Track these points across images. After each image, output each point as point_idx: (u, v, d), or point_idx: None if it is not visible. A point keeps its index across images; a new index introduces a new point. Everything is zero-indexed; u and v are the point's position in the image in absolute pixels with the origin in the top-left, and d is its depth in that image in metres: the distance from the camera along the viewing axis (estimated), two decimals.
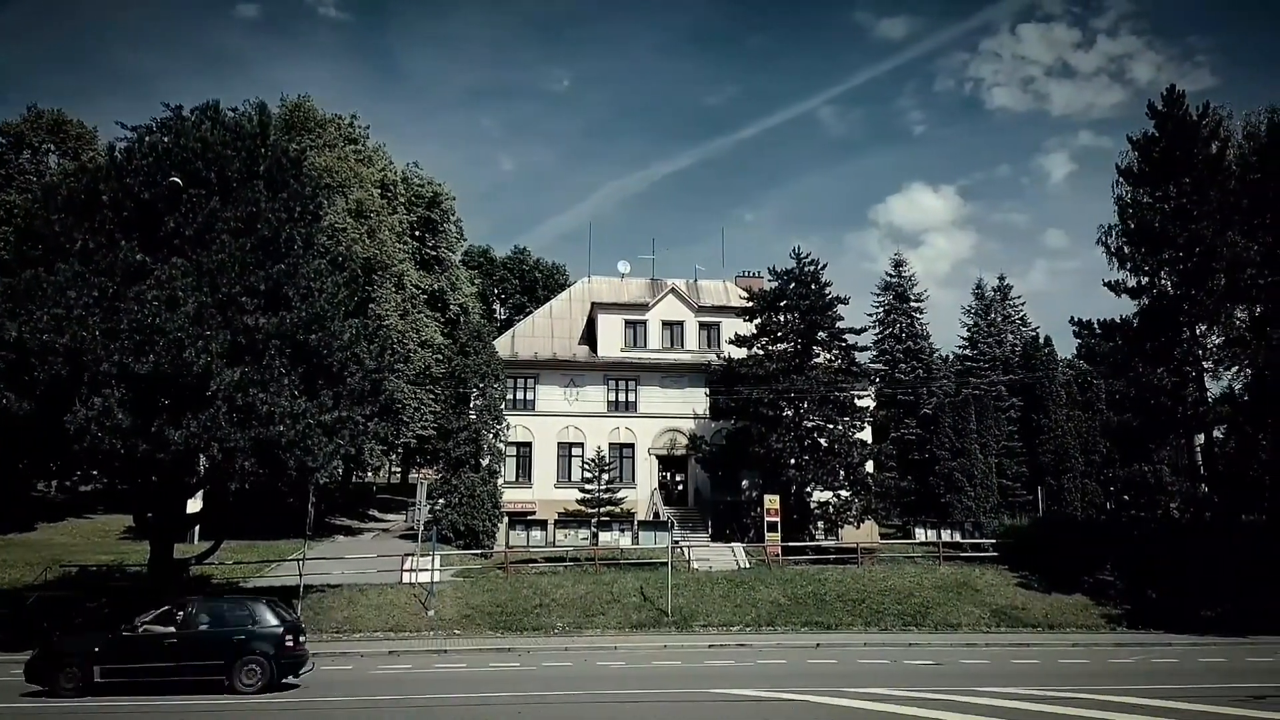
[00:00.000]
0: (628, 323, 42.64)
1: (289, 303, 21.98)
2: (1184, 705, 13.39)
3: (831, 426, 35.58)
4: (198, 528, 32.15)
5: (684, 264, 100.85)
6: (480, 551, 33.55)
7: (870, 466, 37.73)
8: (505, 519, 35.47)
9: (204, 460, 22.52)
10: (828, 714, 13.45)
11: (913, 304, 57.12)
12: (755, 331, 37.43)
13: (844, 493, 35.10)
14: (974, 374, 54.73)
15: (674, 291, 43.56)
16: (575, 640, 23.99)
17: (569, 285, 53.90)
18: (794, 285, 36.95)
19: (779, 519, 33.18)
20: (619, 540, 32.28)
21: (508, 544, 32.62)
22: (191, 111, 23.94)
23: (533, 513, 36.48)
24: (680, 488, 41.40)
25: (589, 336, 43.06)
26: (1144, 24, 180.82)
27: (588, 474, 35.72)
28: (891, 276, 57.92)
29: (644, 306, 43.05)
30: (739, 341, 37.57)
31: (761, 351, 36.99)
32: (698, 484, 40.87)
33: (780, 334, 37.05)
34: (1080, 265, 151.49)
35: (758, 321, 37.57)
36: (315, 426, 20.84)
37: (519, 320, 51.02)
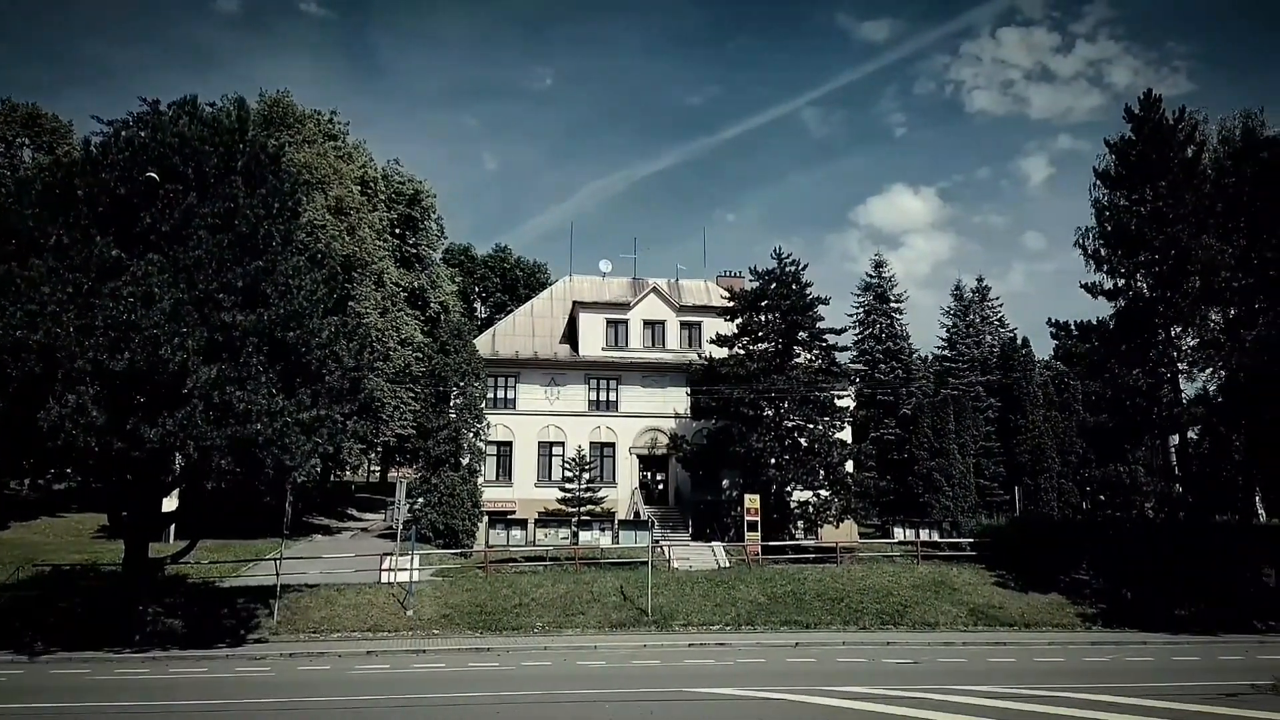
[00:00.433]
0: (609, 322, 42.62)
1: (267, 300, 21.75)
2: (1158, 703, 13.56)
3: (812, 426, 35.74)
4: (173, 527, 31.85)
5: (666, 264, 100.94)
6: (460, 551, 33.44)
7: (850, 466, 37.92)
8: (485, 518, 35.37)
9: (180, 458, 22.23)
10: (806, 712, 13.52)
11: (893, 305, 57.42)
12: (736, 331, 37.53)
13: (824, 492, 35.27)
14: (953, 374, 55.10)
15: (655, 291, 43.57)
16: (555, 640, 23.94)
17: (550, 284, 53.80)
18: (775, 285, 37.07)
19: (759, 518, 33.26)
20: (599, 539, 32.22)
21: (487, 543, 32.55)
22: (169, 106, 23.61)
23: (513, 512, 36.36)
24: (661, 487, 41.44)
25: (570, 335, 43.00)
26: (1122, 29, 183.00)
27: (568, 473, 35.64)
28: (872, 277, 58.23)
29: (625, 306, 43.03)
30: (720, 341, 37.65)
31: (742, 351, 37.08)
32: (678, 483, 40.92)
33: (761, 334, 37.15)
34: (1058, 267, 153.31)
35: (739, 321, 37.67)
36: (293, 425, 20.62)
37: (500, 319, 50.86)
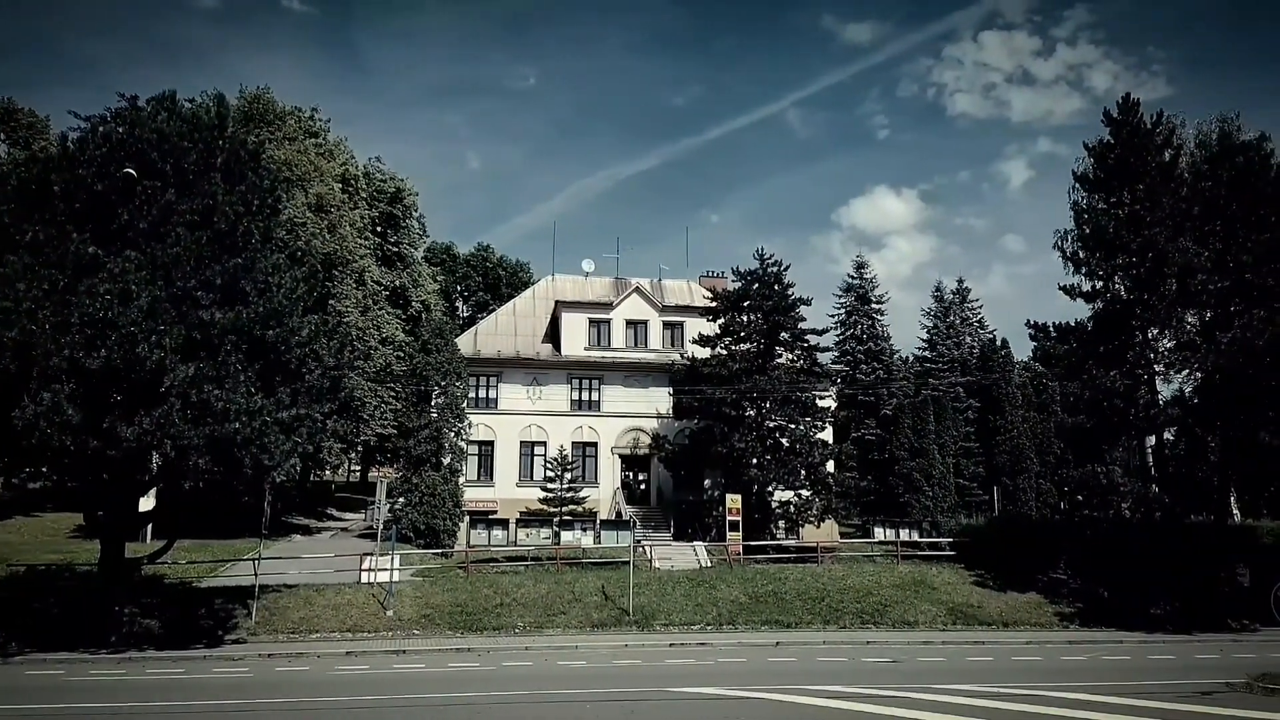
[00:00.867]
0: (592, 321, 42.58)
1: (246, 298, 21.58)
2: (1135, 701, 13.67)
3: (793, 426, 35.85)
4: (150, 526, 31.56)
5: (648, 264, 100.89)
6: (441, 551, 33.30)
7: (831, 466, 38.09)
8: (466, 518, 35.27)
9: (157, 458, 22.00)
10: (787, 712, 13.55)
11: (874, 306, 57.65)
12: (719, 331, 37.58)
13: (805, 492, 35.40)
14: (933, 375, 55.40)
15: (638, 291, 43.56)
16: (536, 640, 23.88)
17: (533, 283, 53.69)
18: (757, 286, 37.17)
19: (740, 518, 33.30)
20: (581, 539, 32.18)
21: (469, 543, 32.46)
22: (147, 102, 23.36)
23: (494, 512, 36.24)
24: (643, 487, 41.44)
25: (553, 335, 42.90)
26: (1102, 33, 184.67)
27: (550, 473, 35.56)
28: (853, 278, 58.46)
29: (608, 305, 42.99)
30: (702, 341, 37.69)
31: (725, 351, 37.15)
32: (660, 483, 40.93)
33: (743, 334, 37.22)
34: (1037, 269, 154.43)
35: (721, 321, 37.72)
36: (272, 424, 20.45)
37: (482, 318, 50.71)
